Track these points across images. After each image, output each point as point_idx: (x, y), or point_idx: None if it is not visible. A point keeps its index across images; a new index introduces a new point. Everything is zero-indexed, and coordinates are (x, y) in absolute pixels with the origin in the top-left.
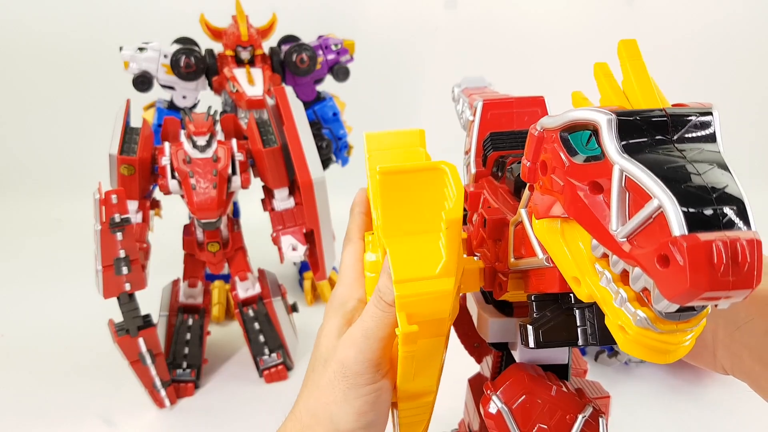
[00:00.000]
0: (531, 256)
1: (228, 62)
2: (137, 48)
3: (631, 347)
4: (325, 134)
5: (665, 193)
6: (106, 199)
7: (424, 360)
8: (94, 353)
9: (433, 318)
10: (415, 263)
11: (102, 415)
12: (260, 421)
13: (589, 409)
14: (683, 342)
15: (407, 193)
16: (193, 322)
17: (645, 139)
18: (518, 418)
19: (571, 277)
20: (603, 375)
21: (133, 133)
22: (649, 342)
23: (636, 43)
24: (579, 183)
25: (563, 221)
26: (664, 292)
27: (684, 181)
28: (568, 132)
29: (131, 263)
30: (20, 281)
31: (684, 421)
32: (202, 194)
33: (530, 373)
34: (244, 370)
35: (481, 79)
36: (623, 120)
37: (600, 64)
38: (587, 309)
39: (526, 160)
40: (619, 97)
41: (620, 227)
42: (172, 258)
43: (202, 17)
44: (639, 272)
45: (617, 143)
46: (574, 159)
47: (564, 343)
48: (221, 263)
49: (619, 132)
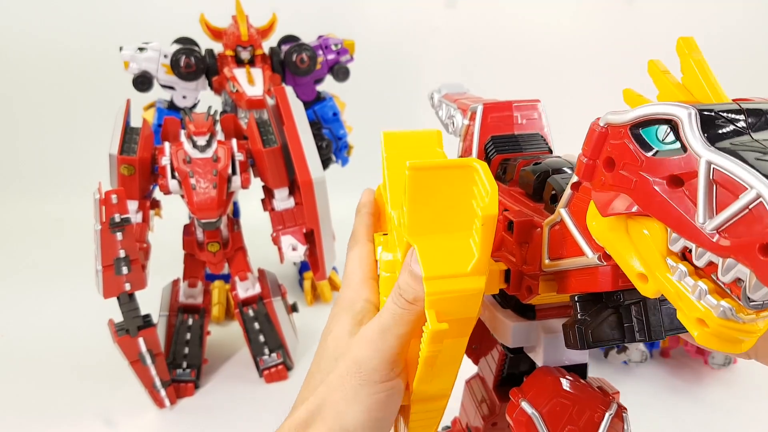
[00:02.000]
0: (574, 256)
1: (228, 62)
2: (137, 48)
3: (709, 340)
4: (325, 134)
5: (763, 182)
6: (106, 199)
7: (445, 360)
8: (94, 353)
9: (462, 317)
10: (445, 260)
11: (102, 414)
12: (260, 421)
13: (614, 406)
14: (760, 330)
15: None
16: (193, 322)
17: (726, 131)
18: (549, 421)
19: (636, 274)
20: (602, 375)
21: (133, 133)
22: (729, 333)
23: (694, 40)
24: (655, 178)
25: (628, 218)
26: (765, 281)
27: None
28: (639, 128)
29: (131, 263)
30: (20, 281)
31: (684, 421)
32: (202, 194)
33: (557, 375)
34: (244, 370)
35: (460, 85)
36: (704, 113)
37: (654, 62)
38: (634, 306)
39: (584, 157)
40: (682, 92)
41: (708, 220)
42: (172, 258)
43: (202, 17)
44: (732, 263)
45: (702, 136)
46: (648, 154)
47: (612, 342)
48: (221, 263)
49: (701, 125)
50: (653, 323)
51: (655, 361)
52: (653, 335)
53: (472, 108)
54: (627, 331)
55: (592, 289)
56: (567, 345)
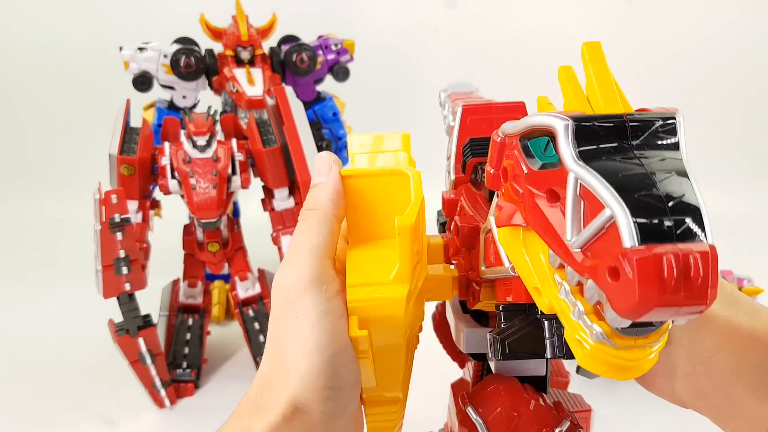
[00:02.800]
0: (499, 265)
1: (228, 62)
2: (137, 48)
3: (589, 362)
4: (325, 134)
5: (618, 202)
6: (106, 199)
7: (383, 367)
8: (94, 353)
9: (387, 325)
10: (370, 268)
11: (102, 414)
12: None
13: (566, 423)
14: (643, 358)
15: (370, 198)
16: (193, 322)
17: (603, 146)
18: (492, 430)
19: (532, 288)
20: None
21: (133, 133)
22: (606, 358)
23: (600, 45)
24: (537, 191)
25: (525, 230)
26: (615, 306)
27: (638, 189)
28: (527, 138)
29: (131, 263)
30: (20, 281)
31: (684, 421)
32: (202, 194)
33: (506, 385)
34: (244, 370)
35: (468, 84)
36: (580, 126)
37: (564, 68)
38: (555, 320)
39: (490, 167)
40: (581, 103)
41: (574, 237)
42: (172, 258)
43: (202, 17)
44: (592, 284)
45: (573, 150)
46: (532, 166)
47: (531, 355)
48: (221, 263)
49: (576, 138)
50: None
51: None
52: (571, 353)
53: (455, 109)
54: (548, 345)
55: (512, 299)
56: (490, 354)
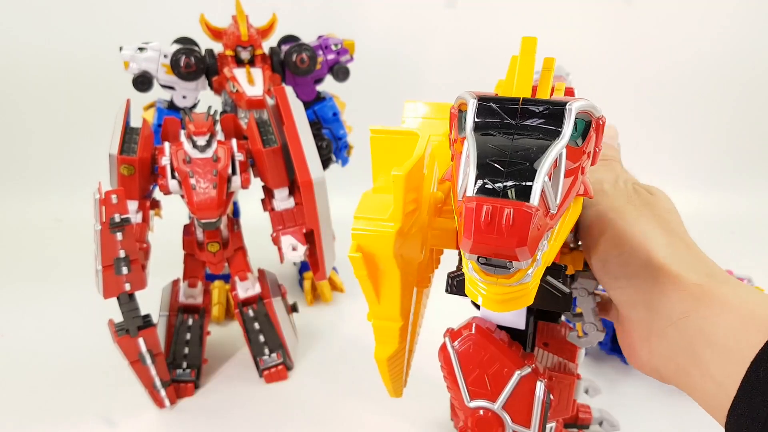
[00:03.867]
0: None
1: (228, 62)
2: (137, 48)
3: (470, 292)
4: (325, 134)
5: (473, 164)
6: (106, 199)
7: (383, 290)
8: (94, 353)
9: (379, 253)
10: (374, 207)
11: (102, 414)
12: (260, 421)
13: (527, 369)
14: (509, 294)
15: (389, 152)
16: (193, 322)
17: (494, 121)
18: (462, 360)
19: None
20: (602, 375)
21: (133, 133)
22: (479, 289)
23: (535, 41)
24: (456, 152)
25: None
26: (458, 241)
27: (492, 157)
28: (459, 110)
29: (131, 263)
30: (20, 281)
31: (684, 421)
32: (202, 194)
33: (482, 326)
34: (244, 370)
35: (560, 68)
36: (482, 104)
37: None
38: None
39: (450, 133)
40: (509, 86)
41: (459, 189)
42: (172, 258)
43: (202, 17)
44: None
45: (471, 122)
46: (458, 134)
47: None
48: (221, 263)
49: (477, 113)
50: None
51: None
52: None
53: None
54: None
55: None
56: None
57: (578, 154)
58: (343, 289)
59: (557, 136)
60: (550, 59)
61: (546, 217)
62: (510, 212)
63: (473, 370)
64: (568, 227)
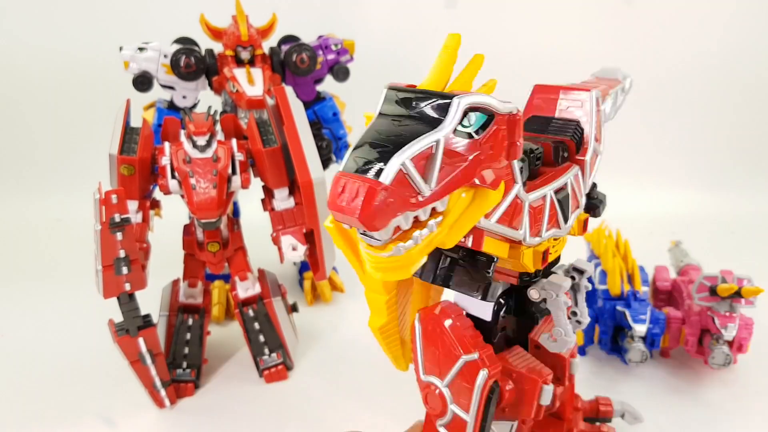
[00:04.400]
0: None
1: (228, 62)
2: (137, 48)
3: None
4: (325, 134)
5: (355, 144)
6: (106, 199)
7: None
8: (94, 353)
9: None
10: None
11: (102, 414)
12: (260, 421)
13: (474, 355)
14: (382, 263)
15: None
16: (193, 322)
17: (393, 107)
18: (424, 338)
19: None
20: (603, 375)
21: (133, 133)
22: (365, 258)
23: (459, 37)
24: None
25: None
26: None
27: (370, 139)
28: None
29: (131, 263)
30: (20, 281)
31: (684, 421)
32: (202, 194)
33: (448, 310)
34: (244, 370)
35: (617, 70)
36: (389, 92)
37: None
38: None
39: None
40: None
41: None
42: (172, 258)
43: (202, 17)
44: None
45: (378, 108)
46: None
47: (419, 275)
48: (221, 263)
49: (385, 101)
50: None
51: (654, 361)
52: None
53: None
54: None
55: None
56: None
57: (474, 145)
58: (343, 289)
59: (438, 125)
60: (479, 56)
61: (411, 198)
62: (358, 187)
63: (429, 347)
64: (475, 214)
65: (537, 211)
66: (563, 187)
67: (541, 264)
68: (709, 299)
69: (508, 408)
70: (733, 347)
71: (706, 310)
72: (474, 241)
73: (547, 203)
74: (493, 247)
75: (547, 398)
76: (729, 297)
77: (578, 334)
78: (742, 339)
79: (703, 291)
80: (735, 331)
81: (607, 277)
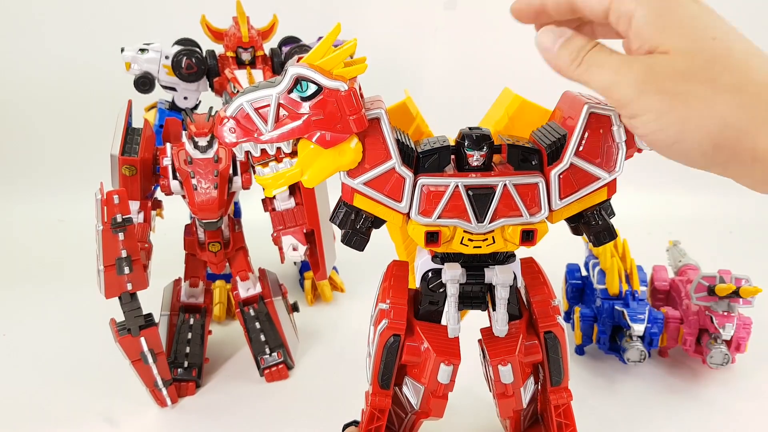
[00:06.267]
0: None
1: (229, 63)
2: (138, 49)
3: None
4: None
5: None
6: (108, 199)
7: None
8: (96, 353)
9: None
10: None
11: (103, 413)
12: (261, 420)
13: (383, 305)
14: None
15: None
16: (194, 322)
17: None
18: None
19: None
20: (602, 374)
21: (135, 134)
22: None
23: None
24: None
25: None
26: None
27: (244, 91)
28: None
29: (133, 263)
30: (22, 281)
31: (684, 421)
32: (203, 194)
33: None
34: (245, 369)
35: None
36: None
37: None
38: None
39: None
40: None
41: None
42: (173, 258)
43: (203, 18)
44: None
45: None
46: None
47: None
48: (222, 263)
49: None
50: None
51: (653, 360)
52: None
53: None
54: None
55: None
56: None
57: (304, 108)
58: (344, 288)
59: (273, 86)
60: (334, 30)
61: (255, 133)
62: (221, 116)
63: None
64: (326, 166)
65: (434, 195)
66: (490, 186)
67: (424, 243)
68: (707, 299)
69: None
70: (731, 347)
71: (705, 310)
72: (343, 194)
73: (448, 192)
74: (368, 206)
75: (445, 377)
76: (727, 297)
77: (577, 333)
78: (740, 338)
79: (701, 291)
80: (733, 331)
81: (605, 277)
